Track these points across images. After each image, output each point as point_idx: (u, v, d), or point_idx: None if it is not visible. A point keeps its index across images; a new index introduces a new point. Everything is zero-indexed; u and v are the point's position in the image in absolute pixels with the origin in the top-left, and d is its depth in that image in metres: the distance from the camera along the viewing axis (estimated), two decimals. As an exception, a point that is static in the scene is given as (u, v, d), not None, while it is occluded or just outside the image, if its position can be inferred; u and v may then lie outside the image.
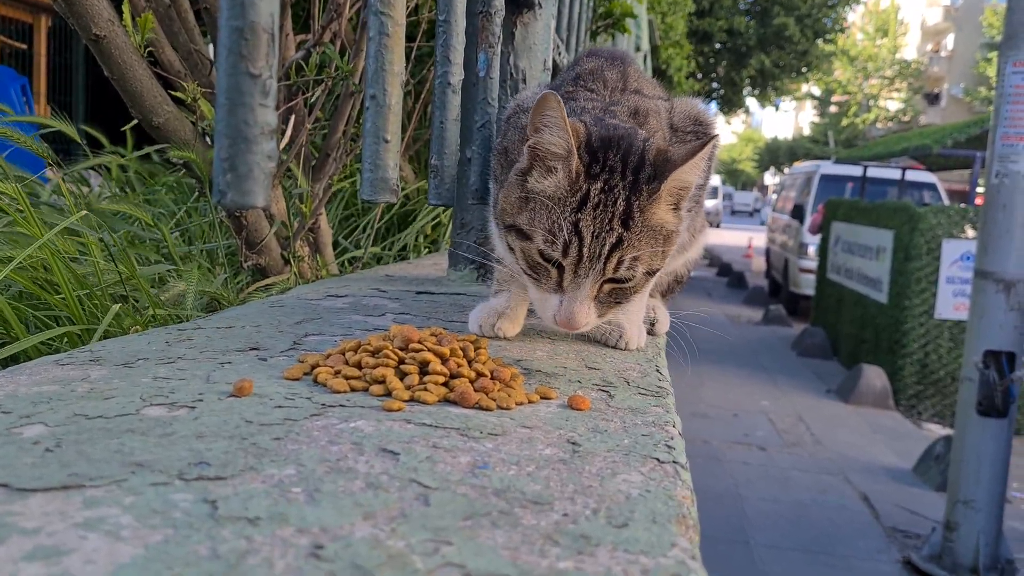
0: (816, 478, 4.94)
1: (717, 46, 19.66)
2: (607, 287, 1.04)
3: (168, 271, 1.87)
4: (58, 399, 0.82)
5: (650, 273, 1.06)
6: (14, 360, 1.28)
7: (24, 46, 7.65)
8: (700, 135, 1.32)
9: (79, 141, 2.23)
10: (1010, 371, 3.74)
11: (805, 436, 5.77)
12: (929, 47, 43.47)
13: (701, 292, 12.81)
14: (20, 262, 1.37)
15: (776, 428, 5.93)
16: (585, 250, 0.99)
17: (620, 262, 1.01)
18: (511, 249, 1.09)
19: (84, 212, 1.72)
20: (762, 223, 38.46)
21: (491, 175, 1.40)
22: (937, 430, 6.25)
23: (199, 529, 0.54)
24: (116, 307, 1.39)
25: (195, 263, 1.97)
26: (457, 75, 1.44)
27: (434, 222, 2.93)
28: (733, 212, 50.93)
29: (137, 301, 1.61)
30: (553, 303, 1.04)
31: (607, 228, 1.00)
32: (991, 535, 3.77)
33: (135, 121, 1.96)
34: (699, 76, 19.54)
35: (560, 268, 1.02)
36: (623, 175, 1.02)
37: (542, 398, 0.95)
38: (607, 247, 1.00)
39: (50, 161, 2.04)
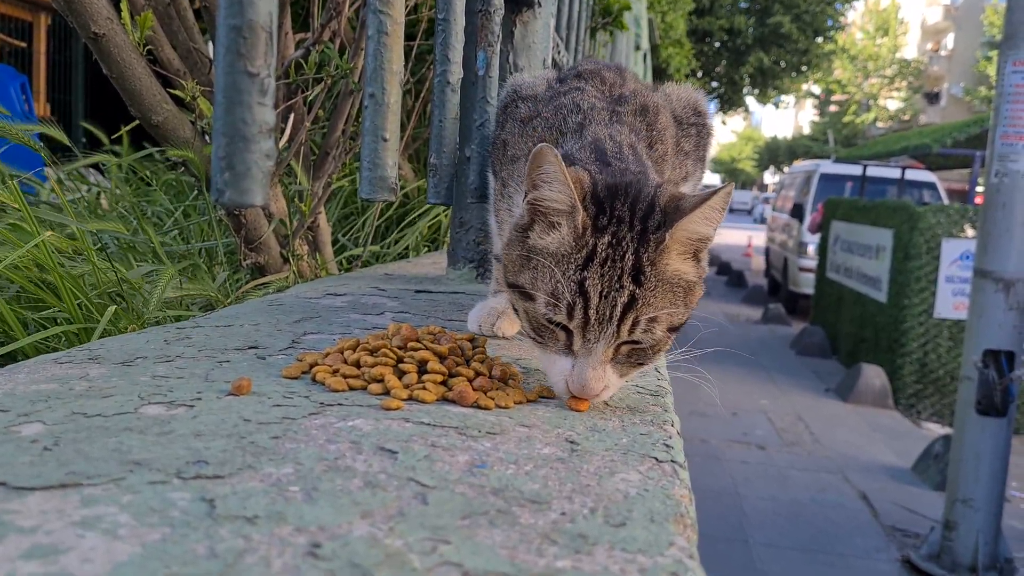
0: (815, 477, 4.94)
1: (716, 45, 19.67)
2: (625, 348, 0.92)
3: (153, 272, 1.86)
4: (56, 397, 0.81)
5: (673, 329, 0.94)
6: (12, 359, 1.28)
7: (24, 44, 7.65)
8: (700, 127, 1.31)
9: (70, 145, 2.22)
10: (1009, 370, 3.74)
11: (804, 435, 5.78)
12: (929, 46, 43.46)
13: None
14: (15, 262, 1.37)
15: (775, 427, 5.93)
16: (592, 312, 0.89)
17: (636, 323, 0.89)
18: (515, 309, 1.00)
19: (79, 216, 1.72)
20: (754, 220, 39.18)
21: (490, 168, 1.38)
22: (936, 429, 6.25)
23: (197, 528, 0.54)
24: (113, 308, 1.39)
25: (175, 263, 1.96)
26: (456, 73, 1.44)
27: (433, 221, 2.93)
28: (731, 210, 52.56)
29: (124, 301, 1.61)
30: (564, 367, 0.92)
31: (616, 286, 0.89)
32: (990, 534, 3.77)
33: (135, 123, 1.96)
34: (699, 75, 19.55)
35: (568, 331, 0.92)
36: (631, 226, 0.91)
37: (540, 397, 0.95)
38: (619, 307, 0.89)
39: (49, 160, 2.03)
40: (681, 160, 1.26)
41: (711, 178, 42.69)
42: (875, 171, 10.82)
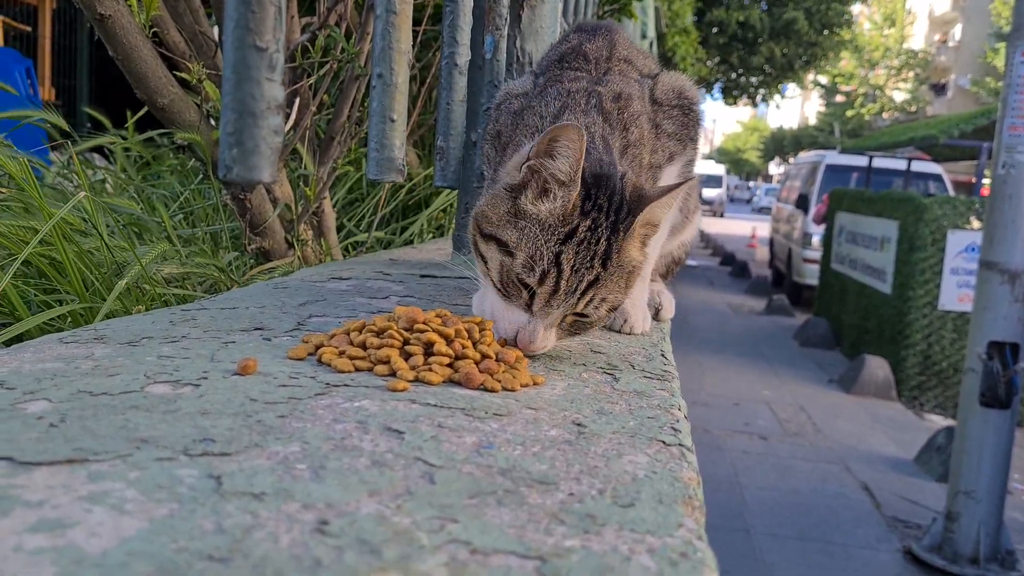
0: (817, 467, 4.94)
1: (724, 39, 19.57)
2: (571, 318, 1.03)
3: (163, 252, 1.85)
4: (62, 376, 0.81)
5: (612, 309, 1.05)
6: (17, 339, 1.28)
7: (29, 28, 7.63)
8: (685, 109, 1.32)
9: (70, 131, 2.22)
10: (1014, 362, 3.73)
11: (806, 425, 5.77)
12: (936, 37, 43.19)
13: (703, 281, 12.80)
14: (22, 238, 1.37)
15: (777, 417, 5.93)
16: (562, 283, 0.98)
17: (591, 300, 1.01)
18: (482, 257, 1.07)
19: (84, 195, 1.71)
20: (731, 199, 41.58)
21: (484, 159, 1.38)
22: (939, 421, 6.24)
23: (204, 504, 0.54)
24: (122, 283, 1.38)
25: (180, 246, 1.96)
26: (464, 56, 1.43)
27: (441, 207, 2.92)
28: (731, 200, 53.72)
29: (134, 283, 1.61)
30: (518, 319, 1.02)
31: (587, 266, 0.99)
32: (992, 526, 3.77)
33: (145, 109, 1.95)
34: (707, 63, 19.45)
35: (532, 292, 1.01)
36: (607, 215, 1.01)
37: (547, 380, 0.95)
38: (584, 284, 0.99)
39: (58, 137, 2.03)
40: (663, 142, 1.28)
41: (716, 168, 42.50)
42: (881, 162, 10.79)
